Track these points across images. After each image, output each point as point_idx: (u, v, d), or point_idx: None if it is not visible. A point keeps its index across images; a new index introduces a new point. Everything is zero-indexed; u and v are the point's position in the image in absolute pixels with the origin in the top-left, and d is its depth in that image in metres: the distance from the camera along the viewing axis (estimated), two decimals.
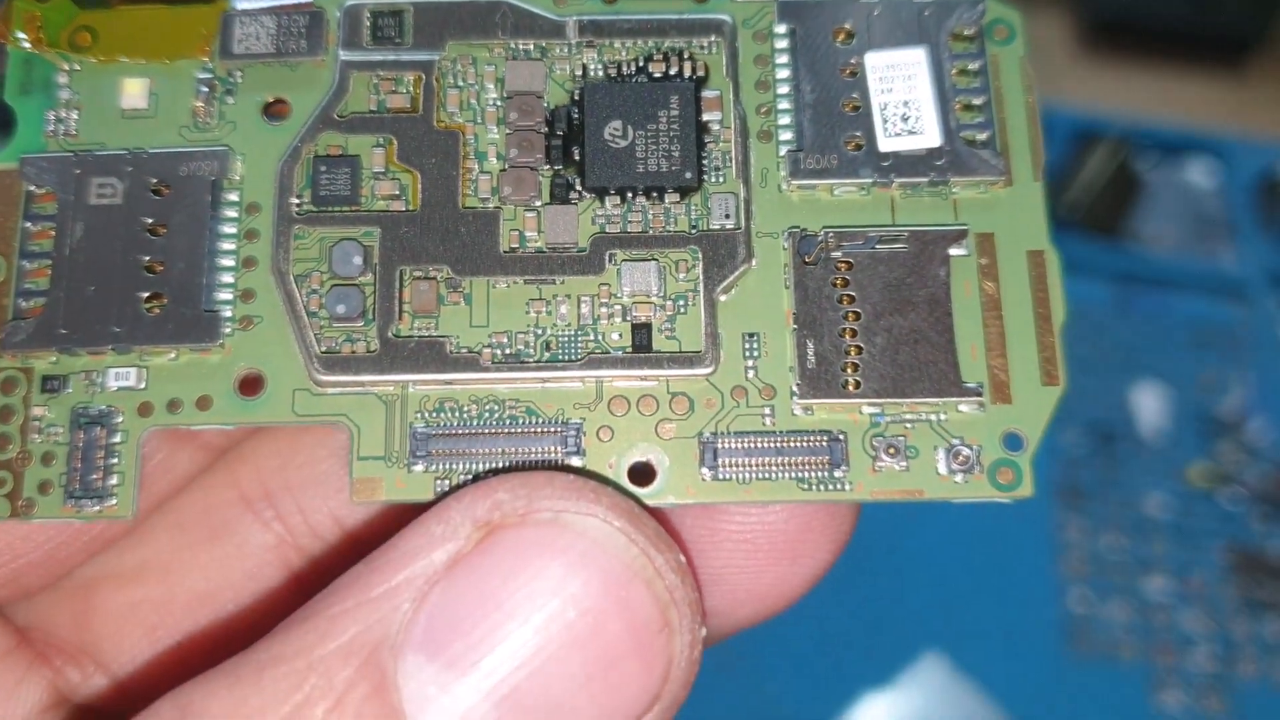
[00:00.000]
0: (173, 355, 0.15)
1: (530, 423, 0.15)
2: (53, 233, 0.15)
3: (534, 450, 0.14)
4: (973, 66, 0.15)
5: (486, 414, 0.15)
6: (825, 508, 0.15)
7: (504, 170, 0.15)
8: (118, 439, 0.15)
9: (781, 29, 0.15)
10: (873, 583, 0.50)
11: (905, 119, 0.15)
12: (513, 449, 0.15)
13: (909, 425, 0.15)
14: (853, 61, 0.15)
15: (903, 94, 0.15)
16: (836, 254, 0.15)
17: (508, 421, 0.15)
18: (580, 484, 0.13)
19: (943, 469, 0.15)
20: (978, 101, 0.15)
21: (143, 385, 0.15)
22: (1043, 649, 0.48)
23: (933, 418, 0.15)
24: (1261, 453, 0.53)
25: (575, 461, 0.14)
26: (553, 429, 0.15)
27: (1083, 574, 0.50)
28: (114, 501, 0.15)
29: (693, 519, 0.15)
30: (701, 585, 0.14)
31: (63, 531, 0.16)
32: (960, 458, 0.15)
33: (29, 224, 0.15)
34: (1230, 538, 0.51)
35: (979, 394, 0.15)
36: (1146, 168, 0.60)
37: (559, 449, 0.14)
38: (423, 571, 0.12)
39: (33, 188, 0.15)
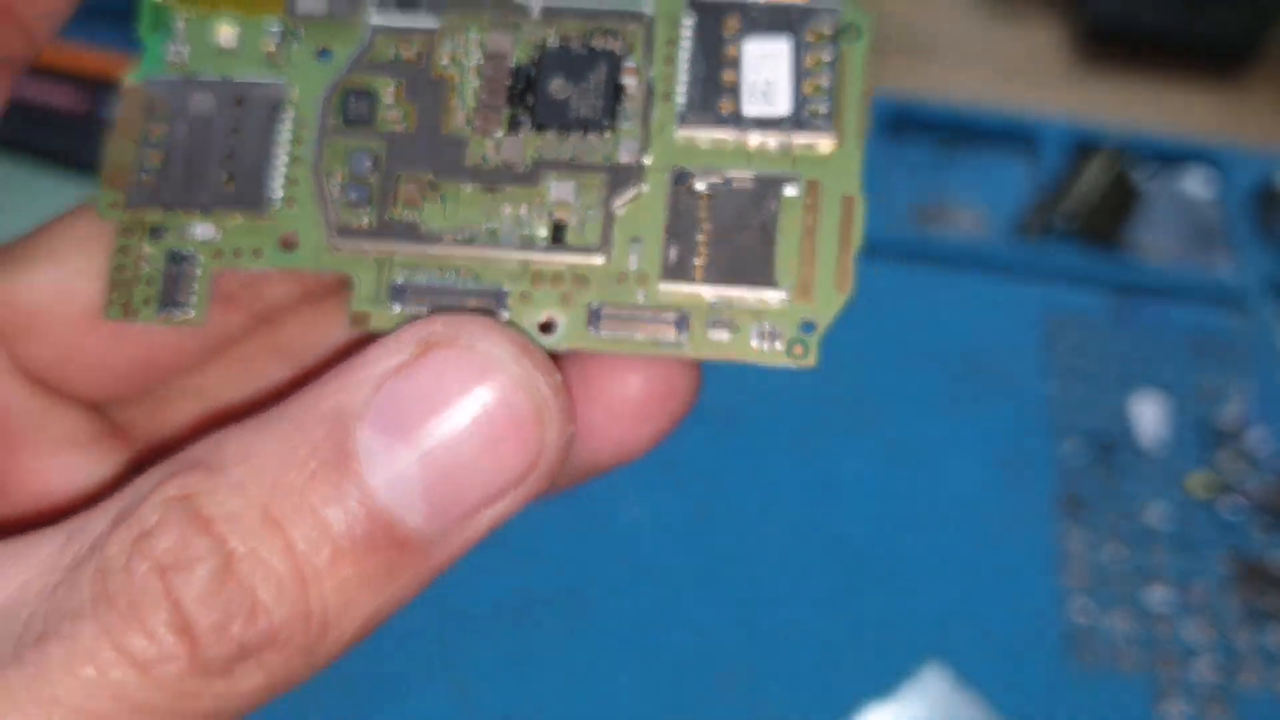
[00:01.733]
0: (238, 219, 0.21)
1: (475, 285, 0.21)
2: (165, 130, 0.22)
3: (474, 304, 0.21)
4: (825, 58, 0.21)
5: (445, 276, 0.21)
6: (666, 384, 0.21)
7: (476, 109, 0.21)
8: (198, 271, 0.21)
9: (688, 21, 0.21)
10: (873, 593, 0.50)
11: (765, 94, 0.20)
12: (459, 302, 0.21)
13: (735, 310, 0.20)
14: (735, 48, 0.21)
15: (767, 75, 0.21)
16: (701, 187, 0.21)
17: (459, 283, 0.21)
18: (493, 324, 0.19)
19: (754, 342, 0.20)
20: (824, 84, 0.20)
21: (218, 237, 0.21)
22: (1044, 659, 0.48)
23: (753, 306, 0.20)
24: (1262, 462, 0.53)
25: (504, 315, 0.21)
26: (490, 291, 0.21)
27: (1084, 584, 0.50)
28: (191, 313, 0.21)
29: (574, 379, 0.21)
30: (575, 409, 0.20)
31: (153, 345, 0.22)
32: (767, 334, 0.20)
33: (150, 123, 0.22)
34: (1231, 547, 0.51)
35: (788, 291, 0.20)
36: (1144, 178, 0.60)
37: (493, 304, 0.21)
38: (379, 370, 0.18)
39: (154, 97, 0.22)
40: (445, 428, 0.18)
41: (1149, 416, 0.54)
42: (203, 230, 0.21)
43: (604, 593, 0.49)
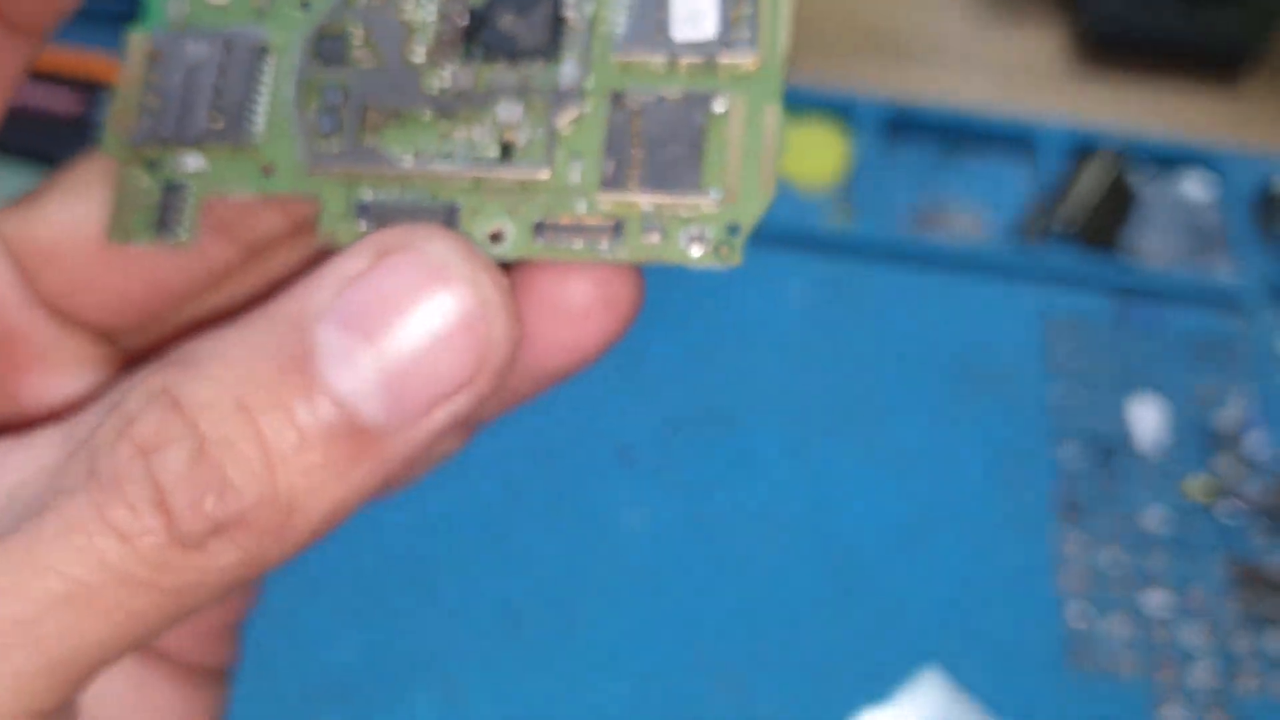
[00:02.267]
0: (226, 151, 0.23)
1: (431, 201, 0.22)
2: (163, 77, 0.24)
3: (429, 217, 0.22)
4: None
5: (405, 194, 0.22)
6: (607, 286, 0.22)
7: (435, 45, 0.23)
8: (189, 199, 0.23)
9: None
10: (870, 597, 0.50)
11: (692, 20, 0.22)
12: (418, 216, 0.22)
13: (667, 216, 0.21)
14: None
15: (696, 4, 0.22)
16: (634, 105, 0.22)
17: (418, 199, 0.22)
18: (443, 230, 0.20)
19: (682, 245, 0.21)
20: (746, 10, 0.22)
21: (207, 168, 0.23)
22: (1042, 664, 0.48)
23: (682, 213, 0.21)
24: (1261, 466, 0.53)
25: (458, 228, 0.22)
26: (445, 206, 0.22)
27: (1082, 589, 0.50)
28: (184, 237, 0.23)
29: (520, 289, 0.23)
30: (521, 313, 0.21)
31: (156, 275, 0.24)
32: (694, 236, 0.21)
33: (151, 71, 0.24)
34: (1230, 551, 0.51)
35: (715, 195, 0.21)
36: (1142, 181, 0.60)
37: (448, 217, 0.22)
38: (340, 276, 0.19)
39: (156, 48, 0.24)
40: (399, 327, 0.19)
41: (1147, 420, 0.54)
42: (193, 161, 0.23)
43: (598, 598, 0.49)
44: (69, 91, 0.55)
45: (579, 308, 0.23)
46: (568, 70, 0.23)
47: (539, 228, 0.22)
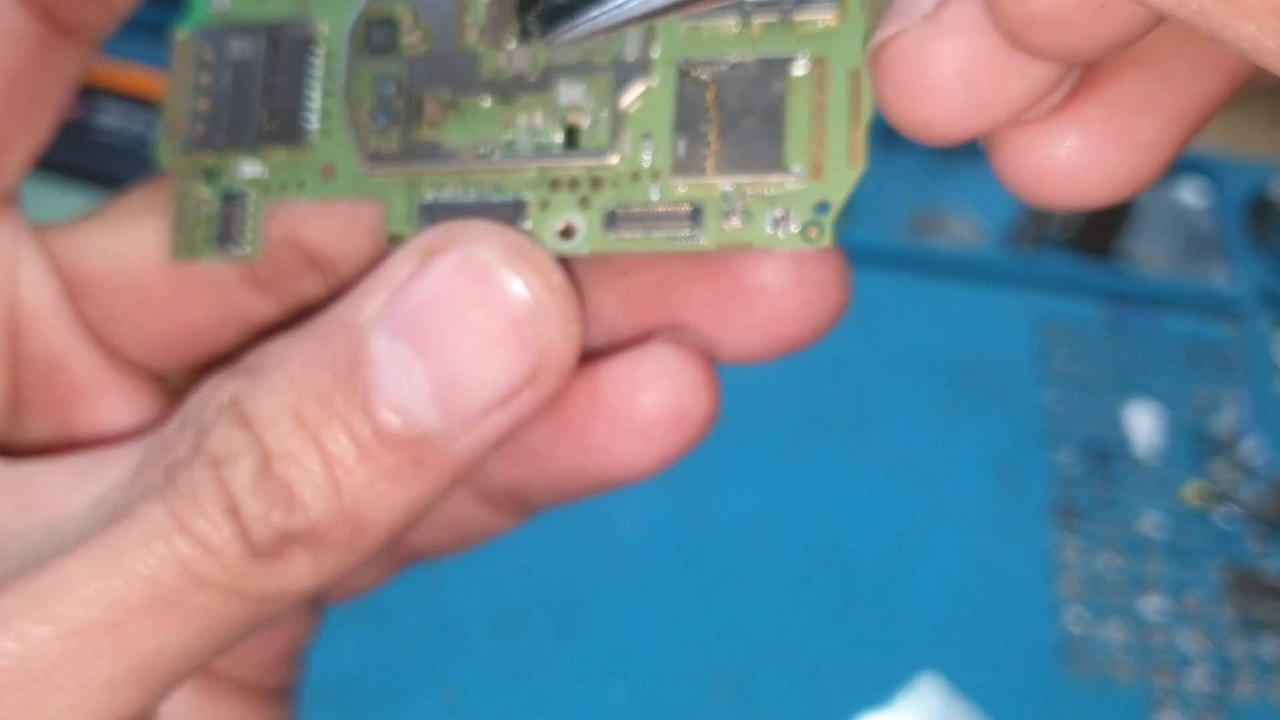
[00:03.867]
0: (282, 154, 0.22)
1: (497, 197, 0.21)
2: (212, 78, 0.23)
3: (496, 216, 0.21)
4: None
5: (469, 191, 0.21)
6: (682, 403, 0.21)
7: (487, 25, 0.22)
8: (249, 208, 0.22)
9: None
10: (868, 603, 0.50)
11: None
12: (481, 213, 0.21)
13: (748, 197, 0.20)
14: None
15: None
16: (705, 75, 0.20)
17: (482, 195, 0.21)
18: (488, 226, 0.19)
19: (769, 228, 0.20)
20: None
21: (264, 174, 0.22)
22: (1039, 669, 0.48)
23: (766, 192, 0.20)
24: (1256, 471, 0.53)
25: (525, 225, 0.21)
26: (510, 202, 0.21)
27: (1079, 594, 0.50)
28: (247, 249, 0.22)
29: (584, 395, 0.21)
30: (583, 310, 0.20)
31: (195, 322, 0.24)
32: (781, 219, 0.20)
33: (200, 72, 0.23)
34: (1226, 557, 0.51)
35: (799, 173, 0.20)
36: None
37: (514, 214, 0.21)
38: (391, 281, 0.19)
39: (202, 48, 0.23)
40: (449, 332, 0.18)
41: (1144, 426, 0.54)
42: (250, 168, 0.22)
43: (597, 603, 0.49)
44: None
45: (649, 422, 0.21)
46: (631, 41, 0.21)
47: (611, 218, 0.21)
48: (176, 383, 0.25)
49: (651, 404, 0.21)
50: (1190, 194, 0.61)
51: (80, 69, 0.23)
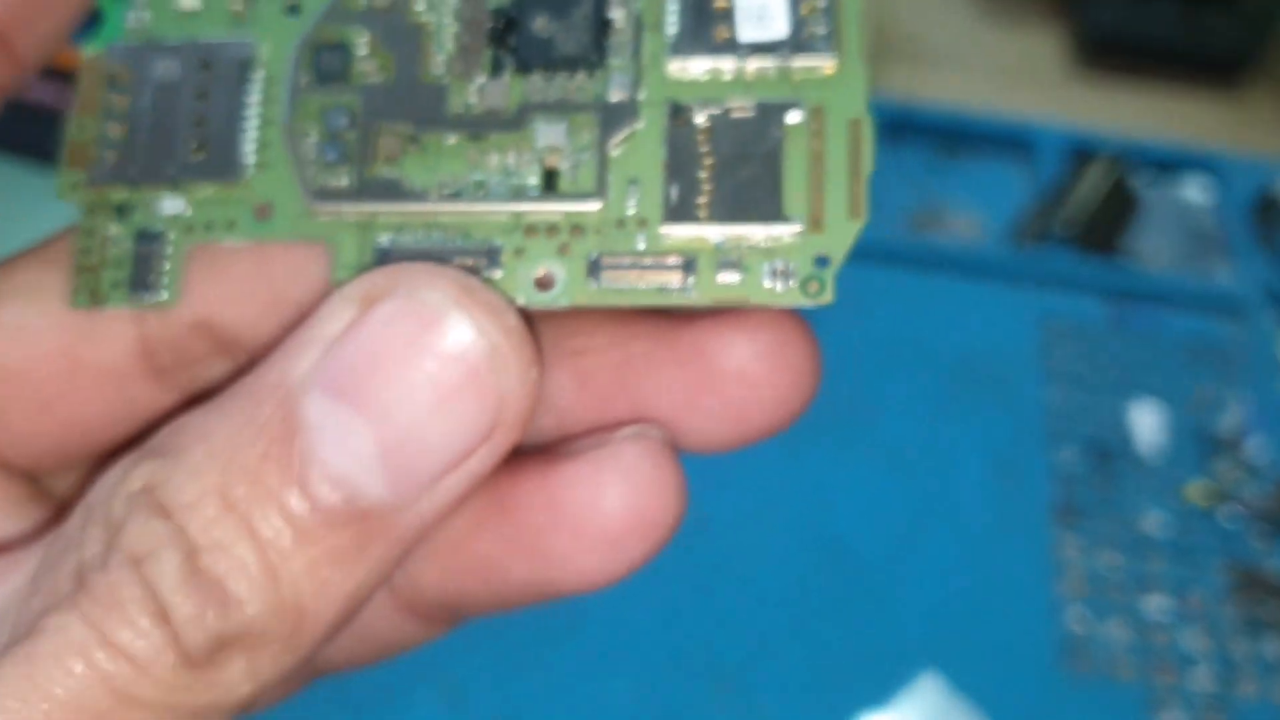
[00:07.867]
0: (210, 190, 0.20)
1: (464, 243, 0.19)
2: (128, 100, 0.21)
3: (465, 264, 0.19)
4: None
5: (432, 236, 0.19)
6: (645, 507, 0.20)
7: (456, 54, 0.20)
8: (168, 250, 0.20)
9: None
10: (869, 601, 0.49)
11: (761, 18, 0.19)
12: (446, 260, 0.19)
13: (744, 249, 0.19)
14: None
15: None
16: (699, 120, 0.19)
17: (448, 241, 0.19)
18: (435, 269, 0.17)
19: (766, 282, 0.19)
20: (821, 4, 0.19)
21: (188, 211, 0.20)
22: (1041, 668, 0.48)
23: (763, 244, 0.19)
24: (1260, 471, 0.53)
25: (496, 274, 0.19)
26: (481, 249, 0.19)
27: (1081, 593, 0.50)
28: (164, 295, 0.20)
29: (540, 500, 0.20)
30: (539, 353, 0.19)
31: (78, 418, 0.20)
32: (780, 272, 0.19)
33: (112, 94, 0.21)
34: (1229, 556, 0.51)
35: (798, 224, 0.19)
36: (1142, 185, 0.60)
37: (485, 262, 0.19)
38: (325, 332, 0.17)
39: (115, 66, 0.21)
40: (394, 387, 0.16)
41: (1147, 424, 0.54)
42: (171, 204, 0.20)
43: (597, 600, 0.49)
44: (66, 86, 0.55)
45: (614, 531, 0.19)
46: (617, 81, 0.20)
47: (593, 267, 0.19)
48: (58, 483, 0.22)
49: (617, 511, 0.19)
50: (1194, 191, 0.61)
51: (15, 87, 0.21)
